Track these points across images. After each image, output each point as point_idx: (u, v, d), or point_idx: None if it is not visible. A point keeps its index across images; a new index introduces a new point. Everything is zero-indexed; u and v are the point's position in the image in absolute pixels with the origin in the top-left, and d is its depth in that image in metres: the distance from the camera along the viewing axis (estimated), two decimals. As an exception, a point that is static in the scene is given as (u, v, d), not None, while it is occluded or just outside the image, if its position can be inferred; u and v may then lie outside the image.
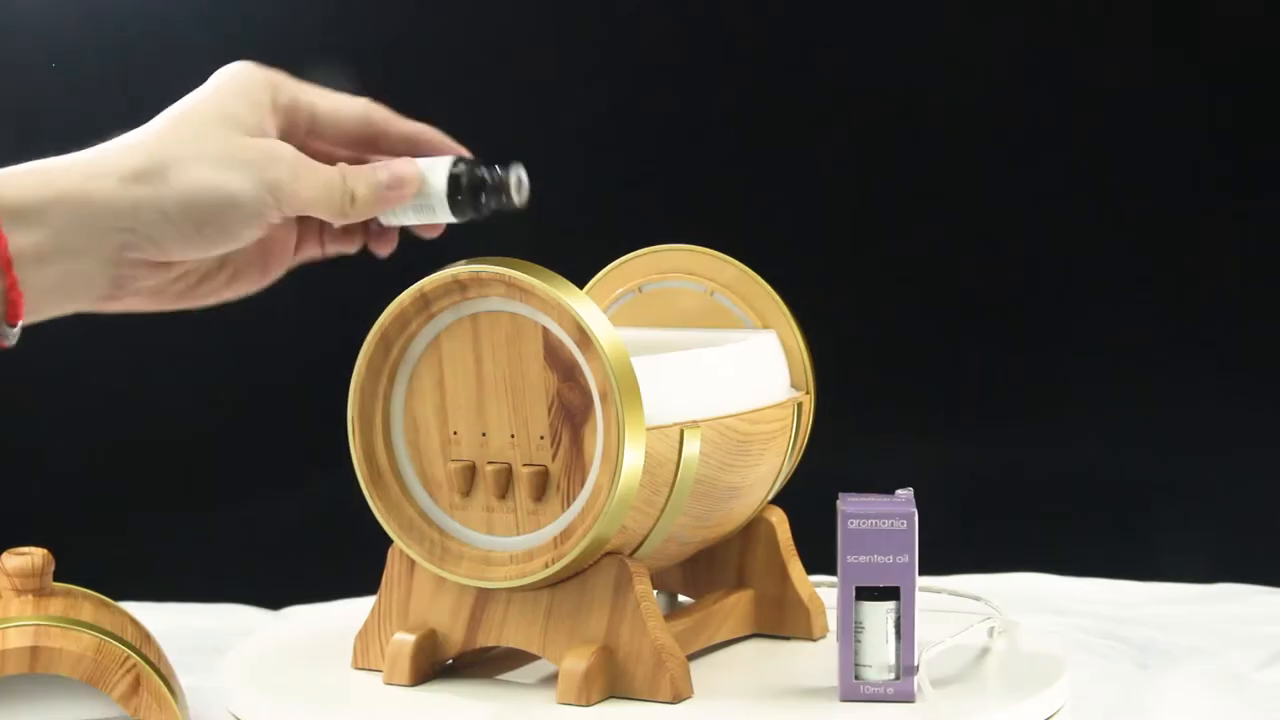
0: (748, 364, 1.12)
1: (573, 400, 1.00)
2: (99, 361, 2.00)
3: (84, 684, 1.12)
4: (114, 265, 0.86)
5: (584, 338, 0.99)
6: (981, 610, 1.23)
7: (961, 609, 1.24)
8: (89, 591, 1.20)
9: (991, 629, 1.17)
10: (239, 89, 0.90)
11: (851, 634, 1.01)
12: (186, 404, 2.01)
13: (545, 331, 1.00)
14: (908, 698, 1.01)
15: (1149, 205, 2.01)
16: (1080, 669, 1.56)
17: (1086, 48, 2.02)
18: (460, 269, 1.01)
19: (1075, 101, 2.02)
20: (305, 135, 0.94)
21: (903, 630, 1.01)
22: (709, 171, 2.05)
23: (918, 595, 1.01)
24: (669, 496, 1.03)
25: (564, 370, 1.00)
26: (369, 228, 0.99)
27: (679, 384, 1.05)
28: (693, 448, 1.03)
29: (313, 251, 0.99)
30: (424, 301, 1.02)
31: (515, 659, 1.11)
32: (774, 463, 1.14)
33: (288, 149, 0.90)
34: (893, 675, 1.01)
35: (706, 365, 1.08)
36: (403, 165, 0.95)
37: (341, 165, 0.93)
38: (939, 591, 1.25)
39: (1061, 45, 2.03)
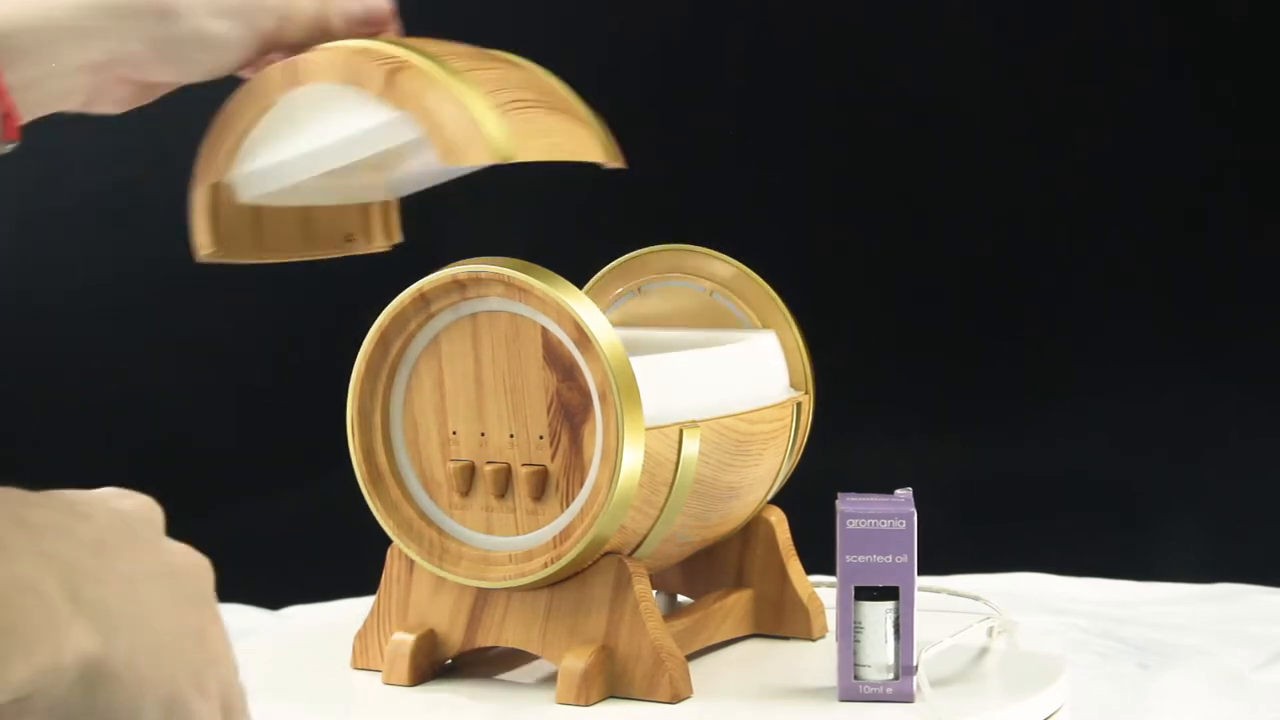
0: (747, 364, 1.12)
1: (572, 400, 1.00)
2: (98, 364, 2.00)
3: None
4: (96, 81, 0.95)
5: (583, 337, 0.98)
6: (981, 610, 1.23)
7: (961, 609, 1.23)
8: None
9: (991, 629, 1.17)
10: None
11: (850, 634, 1.01)
12: (187, 404, 2.01)
13: (544, 331, 1.00)
14: (907, 698, 1.01)
15: (1150, 206, 2.01)
16: (1080, 669, 1.56)
17: (1086, 50, 2.02)
18: (459, 269, 1.01)
19: (1075, 103, 2.02)
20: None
21: (902, 630, 1.01)
22: (708, 171, 2.05)
23: (917, 595, 1.01)
24: (668, 496, 1.03)
25: (563, 370, 1.00)
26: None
27: (678, 384, 1.05)
28: (692, 447, 1.03)
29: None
30: (423, 301, 1.02)
31: (515, 659, 1.11)
32: (773, 463, 1.14)
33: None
34: (892, 675, 1.01)
35: (706, 365, 1.07)
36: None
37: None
38: (939, 591, 1.25)
39: (1061, 47, 2.03)
